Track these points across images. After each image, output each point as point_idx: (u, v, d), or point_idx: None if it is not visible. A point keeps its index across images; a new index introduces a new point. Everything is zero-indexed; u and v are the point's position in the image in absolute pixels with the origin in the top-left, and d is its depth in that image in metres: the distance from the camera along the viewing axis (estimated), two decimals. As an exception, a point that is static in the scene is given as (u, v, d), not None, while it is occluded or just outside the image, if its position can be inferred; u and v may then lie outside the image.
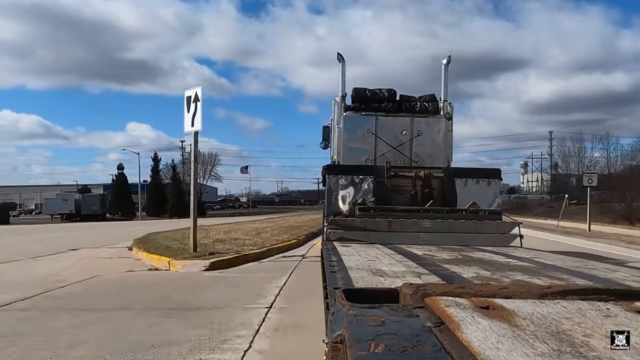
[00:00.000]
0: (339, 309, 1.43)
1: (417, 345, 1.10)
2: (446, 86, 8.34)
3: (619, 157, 51.72)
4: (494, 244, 5.79)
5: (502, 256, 4.38)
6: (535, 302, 1.47)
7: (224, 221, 31.18)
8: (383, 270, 3.20)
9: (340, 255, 4.12)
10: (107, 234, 22.34)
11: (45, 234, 22.62)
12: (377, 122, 8.00)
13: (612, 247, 14.53)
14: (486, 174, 7.35)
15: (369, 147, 7.99)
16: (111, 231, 25.04)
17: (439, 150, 8.00)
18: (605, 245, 14.85)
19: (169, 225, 26.10)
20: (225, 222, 29.59)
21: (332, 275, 2.94)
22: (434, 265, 3.57)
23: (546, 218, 34.67)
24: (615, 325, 1.25)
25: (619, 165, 51.27)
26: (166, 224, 30.87)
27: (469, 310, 1.35)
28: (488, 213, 6.62)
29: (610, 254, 11.87)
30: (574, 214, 31.42)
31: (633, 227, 24.83)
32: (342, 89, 8.16)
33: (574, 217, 29.80)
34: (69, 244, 15.53)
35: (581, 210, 30.97)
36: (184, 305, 6.05)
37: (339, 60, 8.24)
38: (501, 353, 1.06)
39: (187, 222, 14.27)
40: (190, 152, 71.99)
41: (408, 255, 4.34)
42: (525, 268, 3.47)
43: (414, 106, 8.07)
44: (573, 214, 31.08)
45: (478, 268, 3.44)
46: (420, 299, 1.46)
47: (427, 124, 8.03)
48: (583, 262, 4.04)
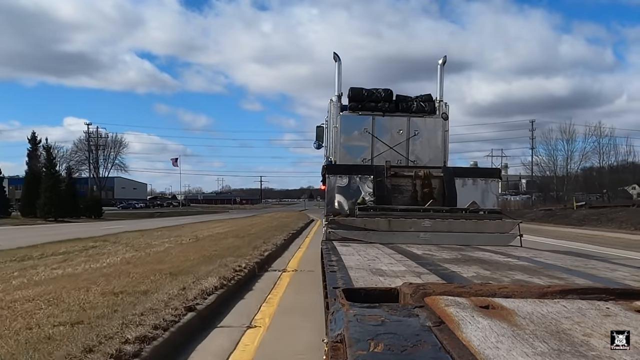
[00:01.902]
0: (338, 308, 1.43)
1: (417, 344, 1.10)
2: (442, 86, 8.36)
3: (612, 152, 48.24)
4: (493, 244, 5.79)
5: (502, 256, 4.38)
6: (535, 301, 1.47)
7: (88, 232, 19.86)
8: (383, 269, 3.20)
9: (340, 254, 4.12)
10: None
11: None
12: (374, 121, 8.00)
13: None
14: (485, 174, 7.35)
15: (365, 147, 7.99)
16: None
17: (436, 150, 8.01)
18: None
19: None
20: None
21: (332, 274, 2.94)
22: (434, 265, 3.58)
23: (556, 224, 28.90)
24: (615, 324, 1.25)
25: (613, 160, 48.52)
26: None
27: (469, 310, 1.35)
28: (488, 212, 6.62)
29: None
30: (589, 219, 27.76)
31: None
32: (338, 89, 8.16)
33: (590, 223, 26.42)
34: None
35: (596, 214, 27.95)
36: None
37: (335, 60, 8.24)
38: (501, 352, 1.06)
39: (56, 231, 9.19)
40: (87, 134, 60.94)
41: (408, 254, 4.34)
42: (525, 267, 3.48)
43: (411, 106, 8.08)
44: (589, 220, 27.49)
45: (478, 267, 3.44)
46: (420, 299, 1.46)
47: (424, 124, 8.04)
48: (583, 261, 4.04)
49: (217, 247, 11.18)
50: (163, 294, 5.31)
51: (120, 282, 6.15)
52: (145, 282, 6.14)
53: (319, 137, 10.45)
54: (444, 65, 8.41)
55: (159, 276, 6.61)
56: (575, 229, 23.84)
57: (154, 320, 4.18)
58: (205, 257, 9.02)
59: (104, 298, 5.17)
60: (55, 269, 8.13)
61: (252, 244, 11.84)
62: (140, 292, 5.50)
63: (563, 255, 4.77)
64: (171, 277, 6.53)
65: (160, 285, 5.97)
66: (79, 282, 6.38)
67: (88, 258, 9.76)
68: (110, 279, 6.42)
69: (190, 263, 8.20)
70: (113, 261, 8.91)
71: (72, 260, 9.43)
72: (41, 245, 13.65)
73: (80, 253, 11.04)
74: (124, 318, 4.22)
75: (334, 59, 8.26)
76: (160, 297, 5.19)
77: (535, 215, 34.66)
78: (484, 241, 5.92)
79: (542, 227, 24.57)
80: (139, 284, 6.00)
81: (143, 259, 9.14)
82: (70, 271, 7.76)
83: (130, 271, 7.24)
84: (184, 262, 8.38)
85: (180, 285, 5.89)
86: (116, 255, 10.00)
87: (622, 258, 10.24)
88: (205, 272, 6.93)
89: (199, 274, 6.73)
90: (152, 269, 7.35)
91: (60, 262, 9.22)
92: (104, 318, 4.28)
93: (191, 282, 6.08)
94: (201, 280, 6.23)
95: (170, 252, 10.35)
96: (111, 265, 8.32)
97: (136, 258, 9.37)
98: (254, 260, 8.73)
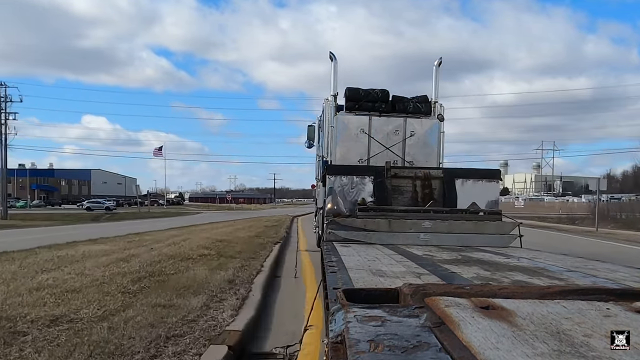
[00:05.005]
0: (339, 309, 1.43)
1: (417, 345, 1.10)
2: (437, 87, 8.37)
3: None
4: (494, 245, 5.79)
5: (502, 256, 4.38)
6: (535, 302, 1.47)
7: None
8: (383, 270, 3.20)
9: (340, 255, 4.12)
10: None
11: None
12: (371, 122, 8.00)
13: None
14: (486, 175, 7.35)
15: (362, 147, 7.99)
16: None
17: (431, 151, 8.02)
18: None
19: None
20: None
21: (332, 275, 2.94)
22: (434, 266, 3.58)
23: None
24: (615, 325, 1.25)
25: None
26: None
27: (469, 311, 1.35)
28: (488, 213, 6.62)
29: None
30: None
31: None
32: (334, 88, 8.17)
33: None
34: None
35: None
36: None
37: (331, 59, 8.24)
38: (501, 353, 1.06)
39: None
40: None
41: (408, 255, 4.34)
42: (525, 268, 3.48)
43: (407, 107, 8.09)
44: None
45: (478, 268, 3.44)
46: (420, 299, 1.46)
47: (420, 125, 8.05)
48: (583, 262, 4.04)
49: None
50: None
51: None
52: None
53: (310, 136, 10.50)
54: (439, 66, 8.44)
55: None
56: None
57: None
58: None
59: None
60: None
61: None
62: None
63: (563, 256, 4.77)
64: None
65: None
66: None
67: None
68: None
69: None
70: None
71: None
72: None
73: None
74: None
75: (330, 58, 8.27)
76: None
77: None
78: (484, 242, 5.92)
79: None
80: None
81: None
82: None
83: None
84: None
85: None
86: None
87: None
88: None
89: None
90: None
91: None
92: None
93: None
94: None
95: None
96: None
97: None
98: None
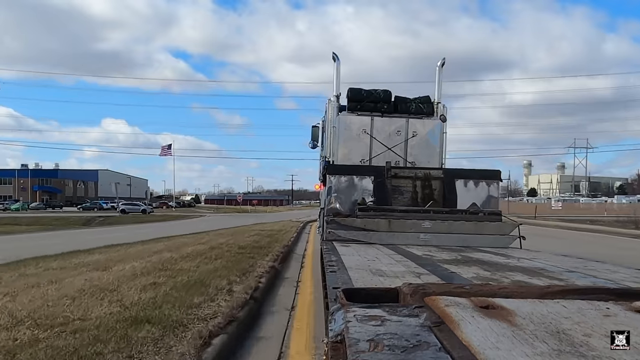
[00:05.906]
0: (338, 308, 1.43)
1: (417, 344, 1.10)
2: (440, 88, 8.37)
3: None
4: (494, 245, 5.78)
5: (501, 257, 4.38)
6: (535, 301, 1.47)
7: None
8: (383, 270, 3.20)
9: (340, 255, 4.12)
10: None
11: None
12: (373, 122, 8.00)
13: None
14: (486, 176, 7.34)
15: (364, 148, 7.98)
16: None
17: (433, 152, 8.02)
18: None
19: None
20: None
21: (332, 275, 2.94)
22: (434, 266, 3.58)
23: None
24: (615, 325, 1.25)
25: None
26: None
27: (469, 310, 1.35)
28: (488, 214, 6.62)
29: None
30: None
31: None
32: (336, 89, 8.16)
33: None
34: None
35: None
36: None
37: (334, 60, 8.24)
38: (501, 352, 1.06)
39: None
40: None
41: (408, 255, 4.34)
42: (525, 268, 3.47)
43: (409, 107, 8.09)
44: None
45: (478, 268, 3.44)
46: (419, 299, 1.46)
47: (422, 125, 8.04)
48: (583, 262, 4.04)
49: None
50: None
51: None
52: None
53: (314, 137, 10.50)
54: (442, 67, 8.43)
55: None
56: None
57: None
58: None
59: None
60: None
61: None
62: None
63: (563, 257, 4.77)
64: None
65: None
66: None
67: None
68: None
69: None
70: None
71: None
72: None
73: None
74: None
75: (333, 59, 8.26)
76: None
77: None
78: (484, 243, 5.92)
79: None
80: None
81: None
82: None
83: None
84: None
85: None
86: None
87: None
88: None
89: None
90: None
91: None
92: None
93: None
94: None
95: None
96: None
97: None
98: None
